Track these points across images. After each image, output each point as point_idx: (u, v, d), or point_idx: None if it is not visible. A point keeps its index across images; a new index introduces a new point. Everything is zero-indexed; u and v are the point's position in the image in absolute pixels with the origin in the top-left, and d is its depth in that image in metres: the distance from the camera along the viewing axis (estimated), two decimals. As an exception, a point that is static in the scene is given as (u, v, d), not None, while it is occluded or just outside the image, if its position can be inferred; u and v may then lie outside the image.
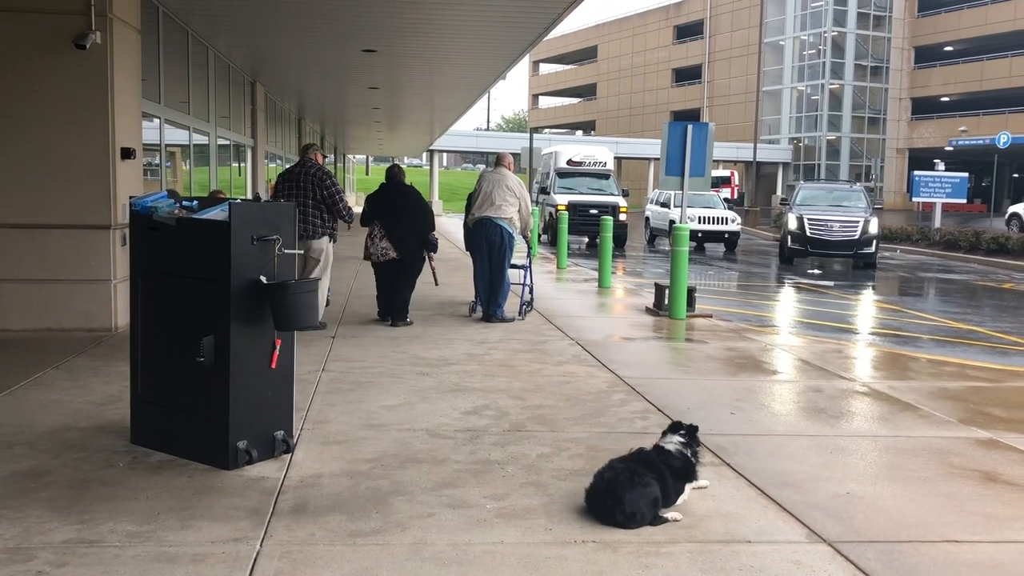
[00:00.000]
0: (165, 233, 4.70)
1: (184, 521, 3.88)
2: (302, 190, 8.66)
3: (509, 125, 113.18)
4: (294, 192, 8.66)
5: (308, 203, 8.67)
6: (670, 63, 71.97)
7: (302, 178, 8.69)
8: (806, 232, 20.73)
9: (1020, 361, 9.29)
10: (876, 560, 3.70)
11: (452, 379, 6.85)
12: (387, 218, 9.34)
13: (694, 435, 4.44)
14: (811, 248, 20.90)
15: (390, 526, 3.90)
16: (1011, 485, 4.75)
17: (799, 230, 20.89)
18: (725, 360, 8.15)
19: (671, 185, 11.48)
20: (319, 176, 8.70)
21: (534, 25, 10.92)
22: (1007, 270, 21.77)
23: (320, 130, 31.77)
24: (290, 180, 8.76)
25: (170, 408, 4.78)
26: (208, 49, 13.11)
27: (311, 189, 8.65)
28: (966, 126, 54.55)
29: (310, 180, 8.67)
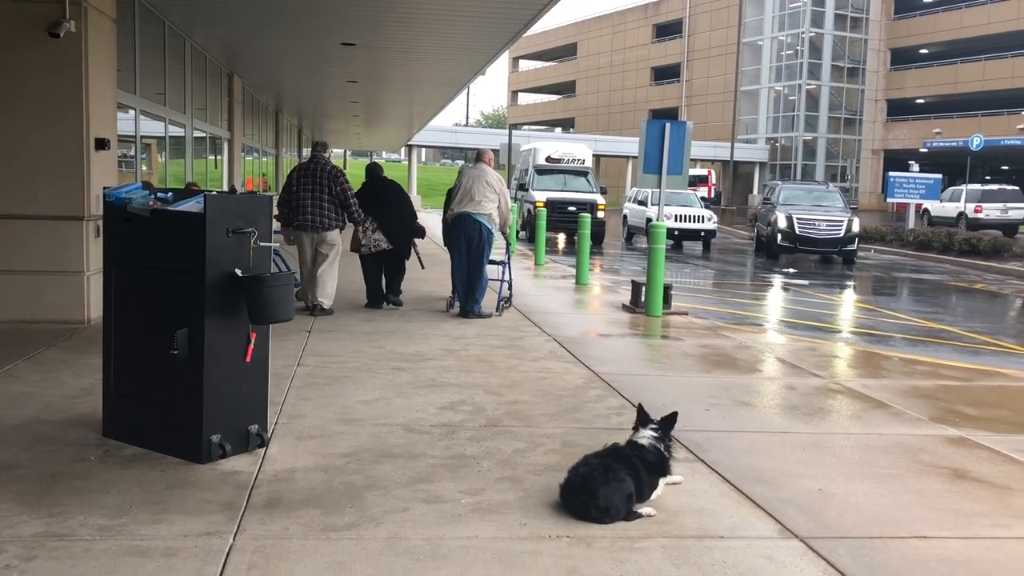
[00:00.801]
0: (139, 225, 4.66)
1: (156, 515, 3.85)
2: (319, 185, 9.27)
3: (488, 121, 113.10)
4: (311, 187, 9.27)
5: (324, 198, 9.29)
6: (649, 61, 72.21)
7: (318, 174, 9.30)
8: (795, 230, 22.04)
9: (990, 360, 9.41)
10: (847, 556, 3.74)
11: (428, 374, 6.84)
12: (377, 211, 9.92)
13: (668, 429, 4.46)
14: (800, 245, 22.13)
15: (364, 520, 3.89)
16: (979, 482, 4.81)
17: (789, 228, 22.12)
18: (700, 357, 8.20)
19: (649, 183, 11.53)
20: (334, 174, 9.37)
21: (514, 21, 10.91)
22: (978, 271, 22.05)
23: (298, 123, 31.58)
24: (306, 175, 9.34)
25: (143, 401, 4.73)
26: (185, 40, 12.99)
27: (327, 185, 9.28)
28: (940, 128, 55.20)
29: (326, 176, 9.30)
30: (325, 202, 9.30)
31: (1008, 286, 18.85)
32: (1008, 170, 65.13)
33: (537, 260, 16.93)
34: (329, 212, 9.33)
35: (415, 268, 10.57)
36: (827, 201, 23.95)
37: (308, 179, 9.33)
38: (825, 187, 27.69)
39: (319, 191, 9.27)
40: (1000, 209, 33.24)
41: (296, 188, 9.35)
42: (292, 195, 9.40)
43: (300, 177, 9.38)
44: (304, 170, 9.44)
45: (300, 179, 9.37)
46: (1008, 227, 31.89)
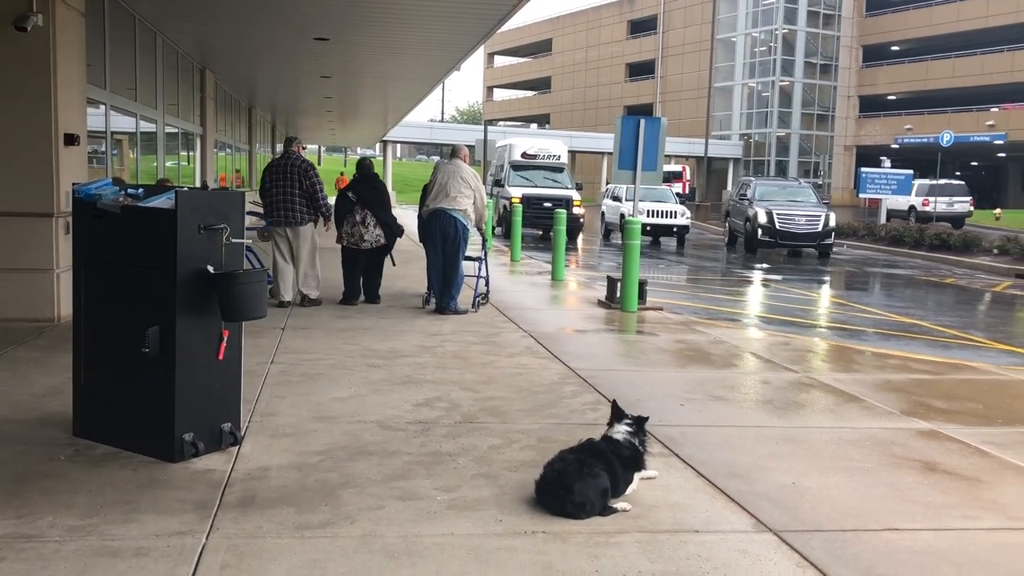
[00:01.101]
0: (109, 221, 4.60)
1: (128, 514, 3.81)
2: (288, 180, 9.43)
3: (464, 117, 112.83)
4: (282, 182, 9.44)
5: (295, 192, 9.44)
6: (624, 58, 72.36)
7: (288, 169, 9.46)
8: (776, 225, 22.80)
9: (961, 354, 9.53)
10: (820, 549, 3.77)
11: (404, 371, 6.82)
12: (377, 206, 9.98)
13: (642, 424, 4.47)
14: (780, 240, 22.87)
15: (339, 518, 3.87)
16: (950, 474, 4.87)
17: (769, 223, 22.82)
18: (675, 352, 8.23)
19: (624, 179, 11.56)
20: (304, 168, 9.51)
21: (488, 16, 10.88)
22: (949, 265, 22.31)
23: (271, 119, 31.35)
24: (278, 171, 9.52)
25: (114, 400, 4.68)
26: (156, 35, 12.84)
27: (297, 180, 9.42)
28: (911, 124, 55.80)
29: (296, 171, 9.45)
30: (296, 197, 9.47)
31: (977, 280, 19.09)
32: (977, 166, 66.03)
33: (513, 256, 16.92)
34: (301, 207, 9.52)
35: (388, 264, 10.54)
36: (801, 196, 24.85)
37: (280, 175, 9.51)
38: (797, 183, 28.67)
39: (290, 186, 9.45)
40: (947, 203, 34.73)
41: (269, 184, 9.57)
42: (266, 191, 9.63)
43: (272, 173, 9.59)
44: (276, 166, 9.63)
45: (272, 175, 9.58)
46: (955, 219, 33.18)
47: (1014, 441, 5.62)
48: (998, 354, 9.79)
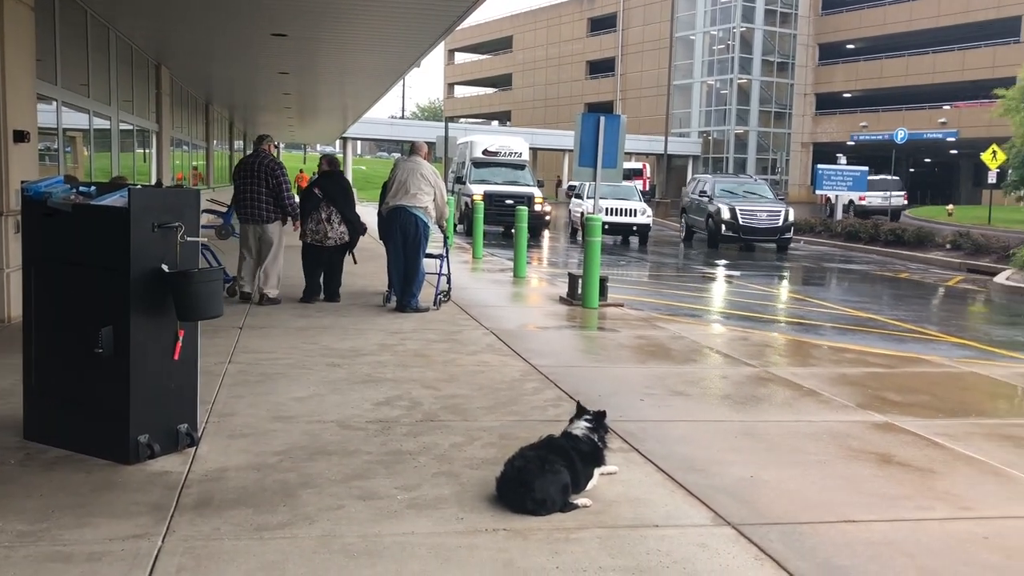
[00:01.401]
0: (61, 220, 4.51)
1: (81, 518, 3.74)
2: (256, 178, 9.52)
3: (424, 114, 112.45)
4: (250, 180, 9.54)
5: (262, 190, 9.53)
6: (584, 55, 72.59)
7: (256, 167, 9.56)
8: (739, 221, 23.64)
9: (914, 347, 9.70)
10: (778, 541, 3.81)
11: (364, 370, 6.78)
12: (343, 203, 10.04)
13: (602, 420, 4.48)
14: (743, 235, 23.77)
15: (298, 519, 3.83)
16: (904, 466, 4.95)
17: (732, 219, 23.69)
18: (636, 348, 8.28)
19: (585, 176, 11.59)
20: (271, 167, 9.59)
21: (448, 13, 10.84)
22: (904, 260, 22.71)
23: (229, 116, 30.96)
24: (247, 169, 9.62)
25: (67, 401, 4.59)
26: (109, 30, 12.62)
27: (264, 178, 9.50)
28: (866, 122, 56.72)
29: (263, 169, 9.55)
30: (263, 195, 9.57)
31: (931, 275, 19.46)
32: (930, 162, 67.29)
33: (475, 254, 16.90)
34: (267, 205, 9.60)
35: (348, 262, 10.50)
36: (757, 192, 25.92)
37: (248, 173, 9.63)
38: (752, 179, 29.84)
39: (257, 184, 9.56)
40: (882, 196, 36.16)
41: (239, 182, 9.71)
42: (237, 189, 9.78)
43: (242, 171, 9.73)
44: (245, 164, 9.76)
45: (241, 173, 9.71)
46: (891, 212, 34.75)
47: (966, 432, 5.73)
48: (951, 347, 9.98)
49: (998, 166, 33.02)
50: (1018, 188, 39.18)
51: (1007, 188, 40.05)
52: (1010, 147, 36.68)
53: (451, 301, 10.49)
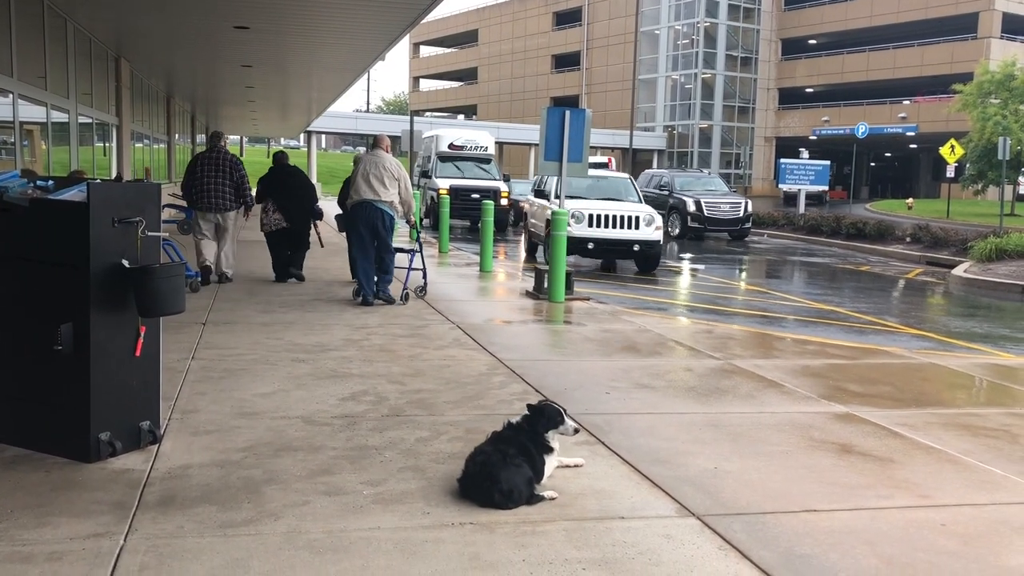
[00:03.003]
0: (17, 215, 4.43)
1: (40, 518, 3.68)
2: (221, 172, 10.52)
3: (390, 107, 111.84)
4: (213, 173, 10.50)
5: (226, 183, 10.54)
6: (550, 49, 72.62)
7: (221, 162, 10.55)
8: (704, 213, 25.11)
9: (876, 339, 9.85)
10: (742, 531, 3.85)
11: (329, 365, 6.74)
12: (279, 195, 11.21)
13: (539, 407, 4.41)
14: (709, 226, 25.19)
15: (263, 515, 3.81)
16: (865, 456, 5.03)
17: (698, 211, 25.11)
18: (601, 341, 8.32)
19: (550, 170, 11.61)
20: (235, 162, 10.71)
21: (413, 4, 10.79)
22: (864, 253, 23.03)
23: (191, 109, 30.58)
24: (210, 163, 10.55)
25: (26, 400, 4.51)
26: (67, 21, 12.40)
27: (228, 172, 10.55)
28: (828, 116, 57.40)
29: (227, 164, 10.58)
30: (227, 187, 10.55)
31: (891, 268, 19.76)
32: (891, 156, 68.27)
33: (441, 248, 16.86)
34: (230, 195, 10.59)
35: (317, 251, 10.61)
36: (713, 186, 27.45)
37: (211, 166, 10.52)
38: (708, 174, 31.09)
39: (221, 177, 10.52)
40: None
41: (200, 174, 10.52)
42: (197, 180, 10.55)
43: (204, 165, 10.57)
44: (207, 159, 10.62)
45: (204, 166, 10.55)
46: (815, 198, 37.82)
47: (925, 422, 5.83)
48: (910, 339, 10.15)
49: (956, 160, 33.60)
50: (976, 182, 39.95)
51: (965, 182, 40.80)
52: (968, 141, 37.39)
53: (414, 296, 10.45)
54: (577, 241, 14.39)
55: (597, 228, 15.18)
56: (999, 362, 8.83)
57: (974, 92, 39.20)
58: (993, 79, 38.95)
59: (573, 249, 13.98)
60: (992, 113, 37.43)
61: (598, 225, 15.20)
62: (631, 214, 15.39)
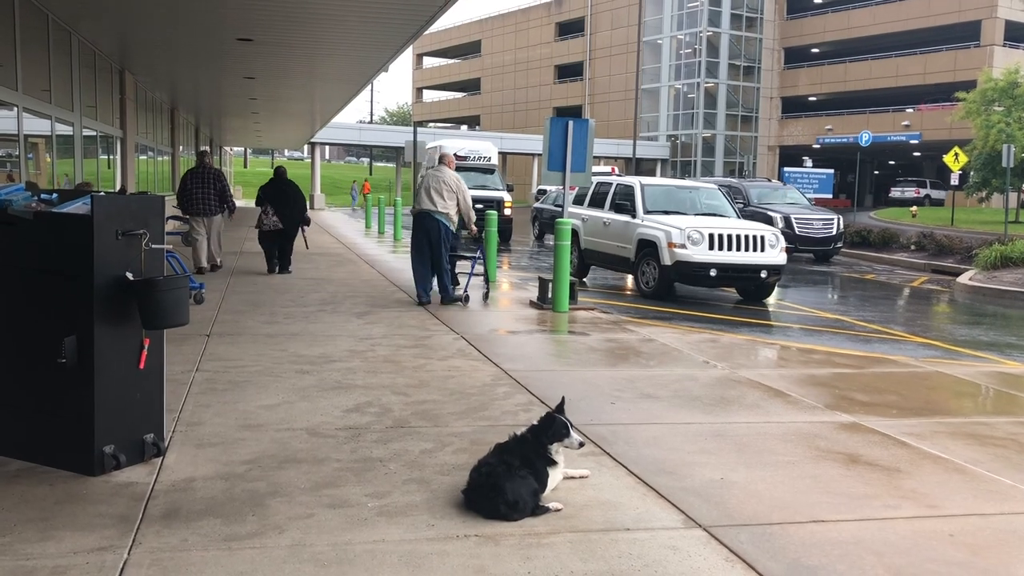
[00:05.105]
0: (22, 228, 4.43)
1: (44, 532, 3.67)
2: (207, 184, 13.19)
3: (393, 118, 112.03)
4: (201, 185, 13.13)
5: (212, 193, 13.20)
6: (552, 59, 72.76)
7: (206, 176, 13.29)
8: (795, 230, 21.95)
9: (881, 348, 9.82)
10: (748, 543, 3.83)
11: (334, 376, 6.73)
12: (277, 201, 13.58)
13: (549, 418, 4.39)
14: (800, 245, 22.38)
15: (267, 528, 3.79)
16: (871, 466, 5.00)
17: (788, 228, 21.98)
18: (606, 351, 8.30)
19: (553, 180, 11.61)
20: (217, 175, 13.50)
21: (416, 16, 10.81)
22: (869, 262, 22.99)
23: (195, 121, 30.67)
24: (197, 177, 13.23)
25: (30, 413, 4.51)
26: (71, 35, 12.45)
27: (212, 184, 13.21)
28: (832, 125, 57.40)
29: (211, 177, 13.31)
30: (212, 196, 13.24)
31: (896, 276, 19.71)
32: (895, 164, 68.24)
33: (444, 258, 16.81)
34: (215, 202, 13.29)
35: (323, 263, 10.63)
36: (792, 198, 24.93)
37: (199, 180, 13.23)
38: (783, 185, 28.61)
39: (207, 188, 13.20)
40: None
41: (191, 186, 13.17)
42: (187, 191, 13.18)
43: (193, 179, 13.24)
44: (195, 174, 13.31)
45: (193, 180, 13.22)
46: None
47: (932, 431, 5.80)
48: (916, 347, 10.12)
49: (960, 168, 33.55)
50: (980, 189, 39.89)
51: (969, 189, 40.74)
52: (971, 149, 37.34)
53: (419, 306, 10.47)
54: (696, 267, 12.51)
55: (719, 251, 12.65)
56: (1005, 370, 8.79)
57: (977, 100, 39.16)
58: (997, 87, 38.90)
59: (687, 277, 12.81)
60: (996, 121, 37.37)
61: (720, 247, 12.67)
62: (754, 233, 12.98)
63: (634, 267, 13.60)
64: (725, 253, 12.71)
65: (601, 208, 14.84)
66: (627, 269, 14.09)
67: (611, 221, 14.34)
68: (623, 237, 13.90)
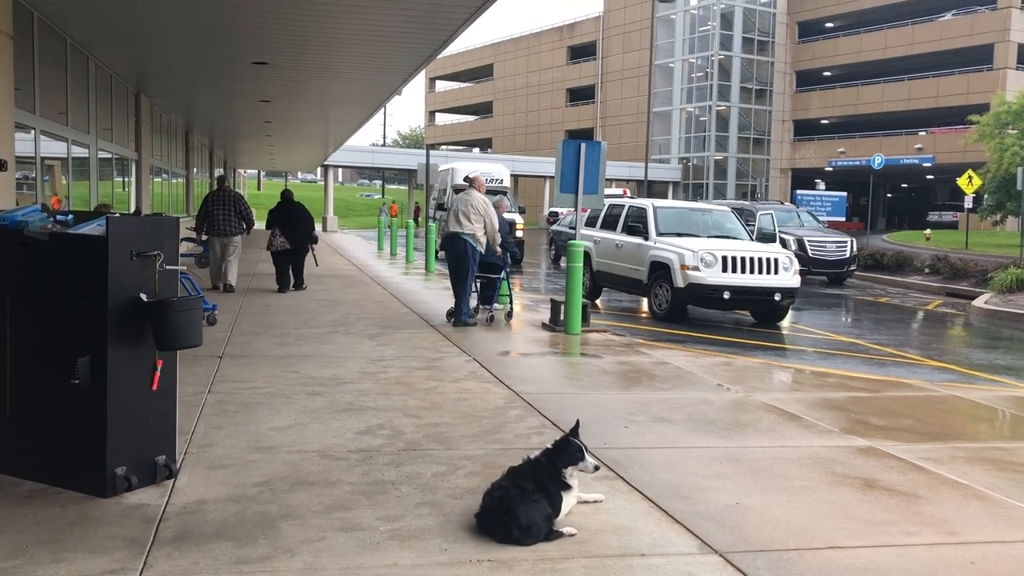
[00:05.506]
0: (37, 249, 4.45)
1: (56, 554, 3.65)
2: (228, 206, 13.99)
3: (406, 141, 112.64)
4: (222, 207, 13.95)
5: (232, 214, 13.99)
6: (564, 83, 73.10)
7: (227, 198, 14.07)
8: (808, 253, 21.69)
9: (896, 372, 9.73)
10: (765, 569, 3.77)
11: (346, 398, 6.71)
12: (284, 223, 14.36)
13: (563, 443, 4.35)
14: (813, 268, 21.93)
15: (279, 552, 3.76)
16: (889, 491, 4.94)
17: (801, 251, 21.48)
18: (619, 374, 8.25)
19: (566, 202, 11.61)
20: (237, 198, 14.25)
21: (429, 41, 10.88)
22: (883, 285, 22.86)
23: (209, 144, 30.90)
24: (218, 199, 14.05)
25: (43, 433, 4.51)
26: (88, 58, 12.58)
27: (232, 206, 14.02)
28: (844, 148, 57.33)
29: (231, 199, 14.10)
30: (232, 217, 13.97)
31: (910, 299, 19.59)
32: (907, 187, 68.08)
33: (456, 280, 16.82)
34: (235, 223, 14.02)
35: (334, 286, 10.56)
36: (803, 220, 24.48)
37: (220, 202, 14.02)
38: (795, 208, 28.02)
39: (228, 210, 13.98)
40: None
41: (212, 208, 13.97)
42: (209, 212, 13.95)
43: (214, 201, 14.05)
44: (216, 196, 14.15)
45: (214, 202, 14.04)
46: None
47: (949, 456, 5.73)
48: (932, 371, 10.03)
49: (974, 191, 33.43)
50: (994, 212, 39.73)
51: (983, 213, 40.57)
52: (985, 172, 37.23)
53: (431, 327, 10.45)
54: (709, 290, 12.57)
55: (733, 273, 12.64)
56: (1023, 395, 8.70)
57: (991, 123, 39.09)
58: (1010, 110, 38.82)
59: (700, 299, 12.85)
60: (1010, 144, 37.27)
61: (733, 270, 12.66)
62: (768, 256, 12.93)
63: (647, 289, 13.65)
64: (738, 275, 12.71)
65: (613, 230, 14.82)
66: (640, 291, 14.12)
67: (623, 243, 14.39)
68: (635, 259, 13.92)
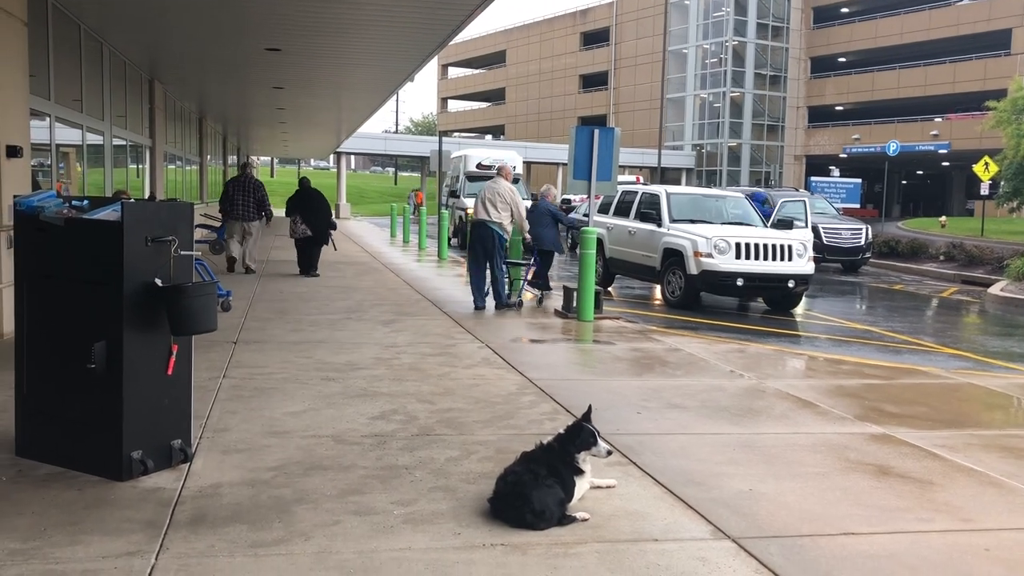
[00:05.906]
0: (53, 234, 4.48)
1: (73, 536, 3.69)
2: (248, 192, 14.57)
3: (418, 128, 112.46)
4: (242, 193, 14.52)
5: (251, 200, 14.58)
6: (577, 69, 72.79)
7: (247, 184, 14.66)
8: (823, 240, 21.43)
9: (911, 359, 9.69)
10: (779, 555, 3.77)
11: (359, 384, 6.74)
12: (304, 210, 14.69)
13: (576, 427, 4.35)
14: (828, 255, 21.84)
15: (293, 535, 3.79)
16: (903, 478, 4.92)
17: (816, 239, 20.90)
18: (631, 361, 8.25)
19: (579, 189, 11.59)
20: (256, 185, 14.79)
21: (442, 26, 10.85)
22: (898, 272, 22.74)
23: (223, 130, 30.96)
24: (239, 185, 14.63)
25: (60, 418, 4.54)
26: (102, 45, 12.61)
27: (252, 193, 14.60)
28: (859, 134, 56.91)
29: (251, 186, 14.66)
30: (251, 203, 14.60)
31: (925, 286, 19.48)
32: (923, 174, 67.57)
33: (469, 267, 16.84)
34: (253, 209, 14.62)
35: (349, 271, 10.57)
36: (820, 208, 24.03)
37: (240, 188, 14.60)
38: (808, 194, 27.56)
39: (248, 196, 14.57)
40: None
41: (232, 193, 14.57)
42: (229, 198, 14.56)
43: (235, 187, 14.63)
44: (237, 182, 14.74)
45: (235, 188, 14.61)
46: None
47: (964, 444, 5.71)
48: (947, 358, 9.98)
49: (990, 178, 33.14)
50: (1011, 199, 39.37)
51: (1000, 199, 40.22)
52: (1002, 159, 36.87)
53: (444, 313, 10.48)
54: (722, 277, 12.52)
55: (746, 260, 12.57)
56: (1039, 382, 8.65)
57: (1008, 109, 38.63)
58: (1028, 95, 38.41)
59: (713, 286, 12.82)
60: (1027, 130, 36.89)
61: (747, 256, 12.59)
62: (782, 242, 12.82)
63: (660, 276, 13.63)
64: (752, 262, 12.64)
65: (626, 217, 14.78)
66: (653, 278, 14.11)
67: (636, 230, 14.33)
68: (648, 246, 13.88)
